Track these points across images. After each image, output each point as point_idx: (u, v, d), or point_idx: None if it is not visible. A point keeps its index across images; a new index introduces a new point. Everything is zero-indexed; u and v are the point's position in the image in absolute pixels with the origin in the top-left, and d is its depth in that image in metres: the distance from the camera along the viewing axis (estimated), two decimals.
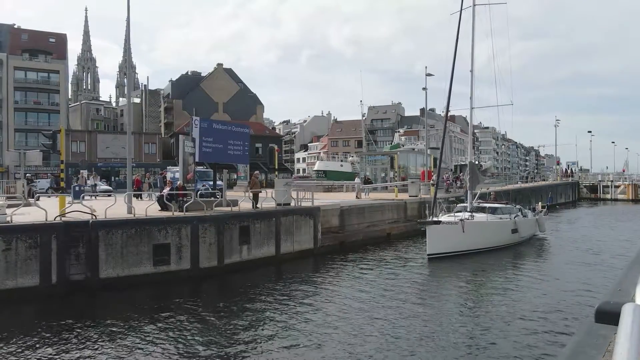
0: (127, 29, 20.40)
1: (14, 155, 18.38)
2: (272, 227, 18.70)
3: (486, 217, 21.63)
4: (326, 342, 9.91)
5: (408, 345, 9.74)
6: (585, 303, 12.68)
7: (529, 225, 24.62)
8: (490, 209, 22.98)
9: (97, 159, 58.07)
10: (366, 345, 9.73)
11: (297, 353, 9.40)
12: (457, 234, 19.27)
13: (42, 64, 63.22)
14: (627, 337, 1.94)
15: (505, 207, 23.93)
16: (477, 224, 20.71)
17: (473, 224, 20.32)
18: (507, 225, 22.22)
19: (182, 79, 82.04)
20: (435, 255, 18.91)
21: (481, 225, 20.92)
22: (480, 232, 20.65)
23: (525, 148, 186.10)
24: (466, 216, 20.71)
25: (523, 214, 24.65)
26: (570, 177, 69.81)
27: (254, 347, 9.72)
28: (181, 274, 15.50)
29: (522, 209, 25.39)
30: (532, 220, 25.43)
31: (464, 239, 19.45)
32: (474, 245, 20.10)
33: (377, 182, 41.32)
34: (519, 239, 23.01)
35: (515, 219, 22.65)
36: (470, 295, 14.56)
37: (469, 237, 19.61)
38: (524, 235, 23.60)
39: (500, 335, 10.34)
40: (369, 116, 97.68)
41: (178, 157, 19.20)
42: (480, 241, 20.48)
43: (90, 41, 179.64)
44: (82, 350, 9.48)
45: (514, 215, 23.03)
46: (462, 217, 20.29)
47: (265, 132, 78.64)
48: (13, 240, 12.84)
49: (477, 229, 20.42)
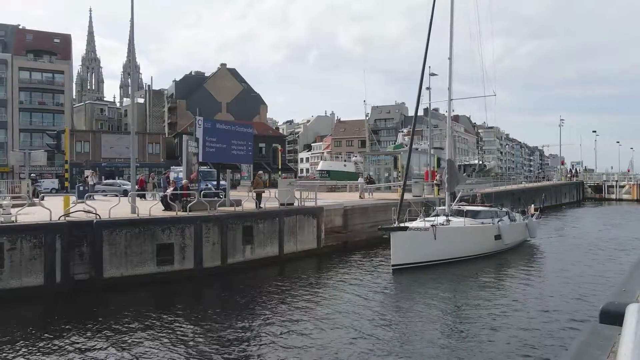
0: (131, 29, 20.48)
1: (18, 155, 18.51)
2: (276, 227, 18.71)
3: (464, 221, 19.22)
4: (327, 342, 9.90)
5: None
6: (567, 327, 10.67)
7: (516, 230, 22.34)
8: (471, 212, 20.55)
9: (101, 159, 58.26)
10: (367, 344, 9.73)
11: (298, 353, 9.40)
12: (428, 241, 17.14)
13: (46, 65, 63.47)
14: (631, 337, 1.93)
15: (489, 211, 21.47)
16: (452, 230, 18.48)
17: (447, 230, 18.12)
18: (488, 231, 19.98)
19: (185, 79, 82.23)
20: (400, 266, 16.89)
21: (457, 232, 18.65)
22: (456, 239, 18.44)
23: (529, 148, 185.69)
24: (441, 221, 18.62)
25: (511, 217, 22.43)
26: (575, 177, 69.53)
27: (256, 347, 9.72)
28: (184, 273, 15.53)
29: (510, 213, 23.02)
30: (521, 225, 23.14)
31: (436, 247, 17.29)
32: (448, 254, 17.93)
33: (380, 182, 41.25)
34: (503, 247, 20.71)
35: (499, 224, 20.41)
36: (430, 312, 12.36)
37: (442, 245, 17.42)
38: (510, 242, 21.14)
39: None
40: (373, 116, 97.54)
41: (182, 157, 19.21)
42: (455, 249, 18.27)
43: (94, 41, 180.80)
44: (86, 349, 9.51)
45: (497, 219, 20.79)
46: (435, 222, 18.15)
47: (269, 132, 78.67)
48: (18, 240, 12.90)
49: (451, 236, 18.20)
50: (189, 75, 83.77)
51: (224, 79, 79.97)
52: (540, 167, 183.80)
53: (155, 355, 9.24)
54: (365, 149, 77.24)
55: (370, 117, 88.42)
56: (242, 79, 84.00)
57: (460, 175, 23.57)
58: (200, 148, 18.70)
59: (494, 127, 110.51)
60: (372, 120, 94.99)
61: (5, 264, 12.67)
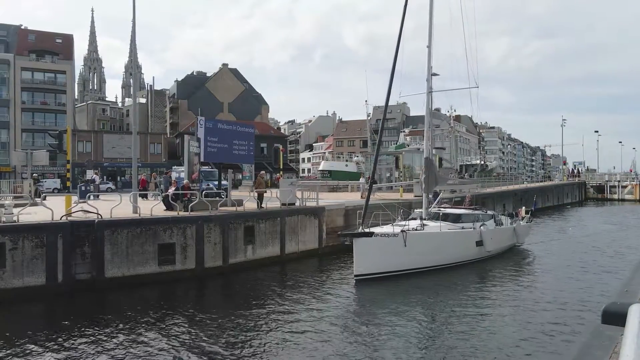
0: (132, 29, 20.50)
1: (20, 155, 18.47)
2: (277, 227, 18.71)
3: (439, 226, 17.57)
4: (327, 342, 9.90)
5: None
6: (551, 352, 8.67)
7: (502, 235, 20.60)
8: (451, 216, 19.07)
9: (103, 159, 58.35)
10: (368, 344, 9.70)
11: (299, 352, 9.40)
12: (397, 248, 15.44)
13: (49, 65, 63.60)
14: (634, 338, 1.91)
15: (471, 214, 19.80)
16: (425, 236, 16.74)
17: (419, 236, 16.36)
18: (468, 237, 18.26)
19: (187, 79, 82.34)
20: (364, 276, 15.18)
21: (431, 237, 16.93)
22: (430, 245, 16.74)
23: (531, 148, 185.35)
24: (414, 225, 16.91)
25: (497, 221, 20.78)
26: (577, 177, 69.40)
27: (257, 347, 9.72)
28: (186, 273, 15.54)
29: (496, 216, 21.36)
30: (508, 230, 21.39)
31: (406, 255, 15.65)
32: (420, 263, 16.27)
33: (381, 182, 41.24)
34: (486, 254, 18.94)
35: (480, 229, 18.60)
36: (393, 330, 10.72)
37: (414, 252, 15.81)
38: (493, 248, 19.31)
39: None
40: (374, 116, 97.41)
41: (183, 157, 19.22)
42: (429, 258, 16.58)
43: (96, 42, 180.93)
44: (88, 349, 9.52)
45: (480, 223, 19.03)
46: (407, 226, 16.43)
47: (270, 132, 78.74)
48: (20, 240, 12.92)
49: (425, 242, 16.54)
50: (190, 75, 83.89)
51: (225, 79, 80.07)
52: (542, 167, 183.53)
53: (157, 355, 9.24)
54: (367, 149, 77.22)
55: (372, 117, 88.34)
56: (244, 79, 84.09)
57: (439, 175, 21.83)
58: (201, 148, 18.72)
59: (495, 127, 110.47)
60: (373, 120, 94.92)
61: (7, 263, 12.69)
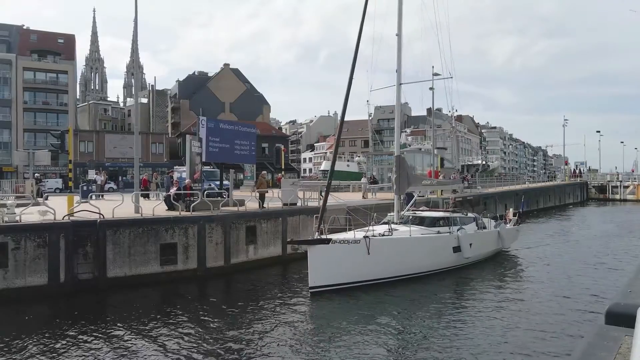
0: (134, 29, 20.50)
1: (22, 155, 18.51)
2: (279, 227, 18.71)
3: (409, 231, 15.72)
4: (327, 342, 9.89)
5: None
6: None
7: (483, 240, 18.81)
8: (427, 219, 17.34)
9: (105, 159, 58.36)
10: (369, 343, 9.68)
11: (300, 352, 9.39)
12: (359, 256, 13.72)
13: (50, 65, 63.65)
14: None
15: (450, 218, 17.81)
16: (393, 242, 14.91)
17: (385, 242, 14.54)
18: (444, 242, 16.58)
19: (189, 79, 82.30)
20: (320, 288, 13.37)
21: (399, 244, 15.07)
22: (399, 253, 14.91)
23: (533, 148, 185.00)
24: (381, 230, 15.27)
25: (479, 225, 19.08)
26: (579, 178, 69.25)
27: (258, 347, 9.71)
28: (188, 273, 15.55)
29: (478, 219, 19.49)
30: (491, 234, 19.60)
31: (370, 264, 13.95)
32: (386, 273, 14.48)
33: (383, 182, 41.20)
34: (464, 261, 17.23)
35: (458, 233, 16.96)
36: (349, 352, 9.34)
37: (379, 260, 14.10)
38: (473, 254, 17.55)
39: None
40: (376, 116, 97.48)
41: (185, 157, 19.22)
42: (398, 266, 14.81)
43: (98, 42, 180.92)
44: (90, 349, 9.52)
45: (458, 227, 17.39)
46: (371, 232, 14.66)
47: (272, 132, 78.70)
48: (22, 240, 12.94)
49: (392, 249, 14.72)
50: (192, 75, 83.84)
51: (227, 79, 80.00)
52: (544, 167, 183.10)
53: (158, 355, 9.24)
54: (369, 149, 77.16)
55: (374, 117, 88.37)
56: (246, 79, 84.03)
57: (413, 175, 20.16)
58: (203, 148, 18.72)
59: (497, 127, 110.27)
60: (375, 121, 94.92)
61: (9, 263, 12.72)
